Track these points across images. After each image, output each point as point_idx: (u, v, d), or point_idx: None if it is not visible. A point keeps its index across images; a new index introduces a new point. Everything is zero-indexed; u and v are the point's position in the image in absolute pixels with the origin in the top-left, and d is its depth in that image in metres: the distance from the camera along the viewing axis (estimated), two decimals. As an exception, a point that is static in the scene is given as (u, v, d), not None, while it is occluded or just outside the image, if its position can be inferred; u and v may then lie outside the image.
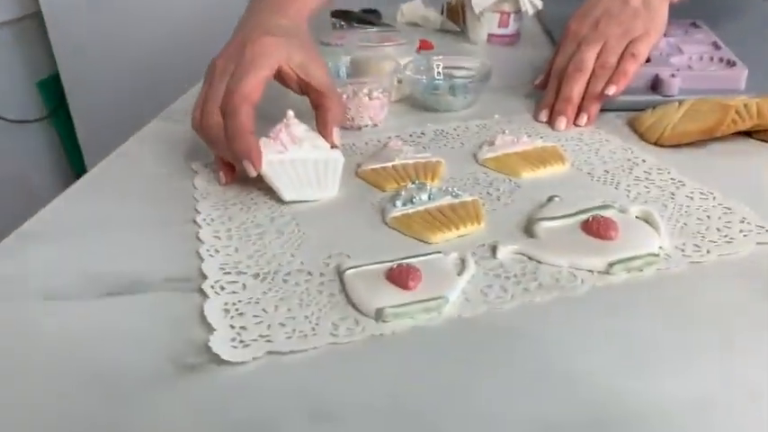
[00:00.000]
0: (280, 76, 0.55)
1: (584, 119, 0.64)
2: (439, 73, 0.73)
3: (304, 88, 0.56)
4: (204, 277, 0.43)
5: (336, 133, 0.55)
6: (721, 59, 0.71)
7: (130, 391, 0.35)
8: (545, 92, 0.68)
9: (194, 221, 0.50)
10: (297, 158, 0.52)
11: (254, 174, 0.50)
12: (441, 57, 0.74)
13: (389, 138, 0.62)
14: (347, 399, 0.34)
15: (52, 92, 1.95)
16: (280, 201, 0.52)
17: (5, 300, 0.43)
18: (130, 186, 0.57)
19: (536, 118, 0.67)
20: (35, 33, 1.85)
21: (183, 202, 0.54)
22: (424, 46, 0.92)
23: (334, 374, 0.35)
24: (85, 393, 0.35)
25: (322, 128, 0.55)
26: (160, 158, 0.62)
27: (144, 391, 0.35)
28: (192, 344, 0.37)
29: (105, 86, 1.87)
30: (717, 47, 0.74)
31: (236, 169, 0.55)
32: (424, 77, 0.70)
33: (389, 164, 0.56)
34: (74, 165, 2.08)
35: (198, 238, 0.48)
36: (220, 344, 0.36)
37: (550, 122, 0.65)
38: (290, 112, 0.53)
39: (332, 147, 0.54)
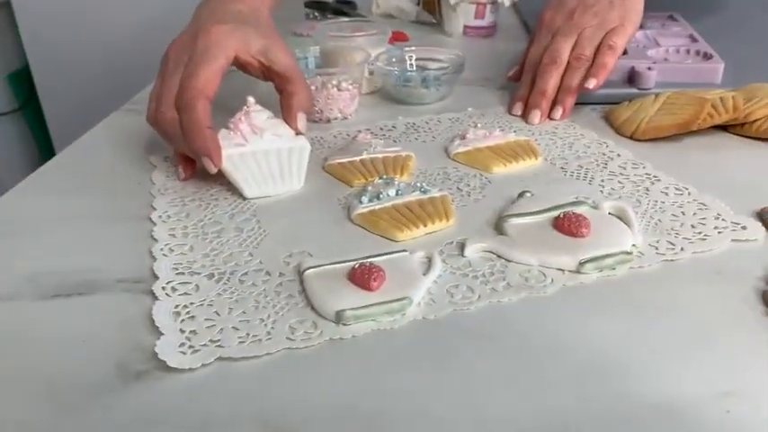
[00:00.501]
0: (240, 64, 0.52)
1: (558, 112, 0.62)
2: (411, 65, 0.71)
3: (267, 74, 0.53)
4: (156, 278, 0.41)
5: (302, 119, 0.52)
6: (698, 52, 0.70)
7: (76, 399, 0.32)
8: (519, 84, 0.67)
9: (149, 219, 0.48)
10: (258, 150, 0.49)
11: (213, 170, 0.48)
12: (413, 48, 0.72)
13: (359, 131, 0.60)
14: (303, 407, 0.32)
15: (23, 85, 1.90)
16: (242, 196, 0.50)
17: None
18: (86, 180, 0.54)
19: (510, 111, 0.65)
20: (5, 25, 1.80)
21: (139, 197, 0.51)
22: (398, 37, 0.90)
23: (289, 381, 0.33)
24: (29, 401, 0.32)
25: (286, 113, 0.52)
26: (119, 151, 0.59)
27: (90, 400, 0.32)
28: (140, 349, 0.35)
29: (76, 79, 1.83)
30: (693, 39, 0.73)
31: (195, 164, 0.53)
32: (396, 69, 0.68)
33: (357, 158, 0.54)
34: (45, 158, 2.03)
35: (152, 237, 0.45)
36: (168, 349, 0.34)
37: (525, 116, 0.63)
38: (251, 99, 0.50)
39: (297, 134, 0.51)
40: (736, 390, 0.32)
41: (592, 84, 0.61)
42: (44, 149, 2.03)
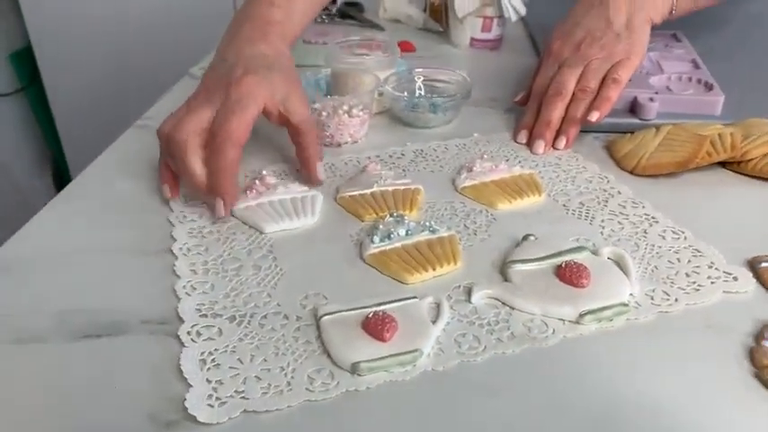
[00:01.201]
0: (264, 112, 0.55)
1: (562, 142, 0.64)
2: (420, 87, 0.73)
3: (283, 123, 0.56)
4: (181, 320, 0.43)
5: (320, 169, 0.57)
6: (699, 81, 0.71)
7: (107, 449, 0.35)
8: (525, 112, 0.68)
9: (170, 251, 0.50)
10: (274, 200, 0.55)
11: (222, 214, 0.52)
12: (421, 71, 0.73)
13: (369, 159, 0.62)
14: (321, 460, 0.34)
15: (25, 65, 1.90)
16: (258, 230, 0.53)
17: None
18: (104, 208, 0.56)
19: (515, 139, 0.67)
20: (7, 4, 1.80)
21: (158, 226, 0.54)
22: (405, 47, 0.91)
23: (308, 431, 0.36)
24: (61, 452, 0.35)
25: (304, 166, 0.58)
26: (135, 174, 0.61)
27: (120, 450, 0.35)
28: (169, 398, 0.38)
29: (79, 59, 1.83)
30: (696, 66, 0.75)
31: (179, 185, 0.56)
32: (406, 93, 0.70)
33: (368, 191, 0.56)
34: (48, 138, 2.04)
35: (174, 273, 0.48)
36: (197, 403, 0.37)
37: (529, 145, 0.65)
38: (264, 171, 0.57)
39: (316, 184, 0.57)
40: (720, 452, 0.35)
41: (595, 117, 0.63)
42: (47, 130, 2.03)
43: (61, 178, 2.12)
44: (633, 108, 0.68)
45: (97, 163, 0.64)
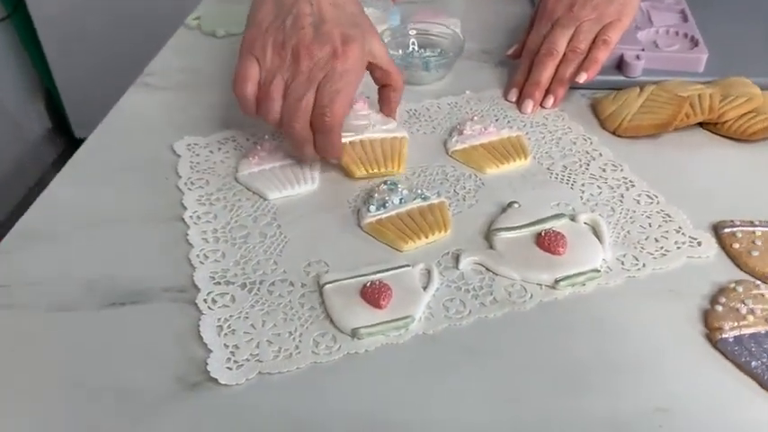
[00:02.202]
0: None
1: (550, 101, 0.67)
2: (414, 42, 0.74)
3: (369, 68, 0.57)
4: (197, 288, 0.48)
5: (396, 110, 0.62)
6: (686, 35, 0.73)
7: (140, 408, 0.41)
8: (516, 68, 0.70)
9: (182, 219, 0.54)
10: (276, 165, 0.58)
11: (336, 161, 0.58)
12: (414, 25, 0.75)
13: (357, 96, 0.62)
14: (328, 412, 0.40)
15: (9, -7, 1.86)
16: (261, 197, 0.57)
17: (8, 309, 0.47)
18: (114, 174, 0.60)
19: (505, 97, 0.69)
20: (-13, -70, 1.74)
21: (167, 192, 0.57)
22: (400, -8, 0.91)
23: (316, 390, 0.42)
24: (94, 410, 0.41)
25: (386, 105, 0.61)
26: (140, 138, 0.64)
27: (154, 409, 0.41)
28: (192, 362, 0.43)
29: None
30: (684, 18, 0.76)
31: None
32: (400, 51, 0.72)
33: (358, 138, 0.59)
34: (37, 65, 2.03)
35: (187, 241, 0.52)
36: (217, 366, 0.42)
37: (518, 104, 0.68)
38: (266, 137, 0.60)
39: (392, 118, 0.62)
40: (669, 407, 0.40)
41: (583, 78, 0.66)
42: (35, 57, 2.01)
43: (53, 103, 2.13)
44: (620, 65, 0.70)
45: (104, 126, 0.67)
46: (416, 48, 0.74)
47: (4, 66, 1.96)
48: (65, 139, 2.18)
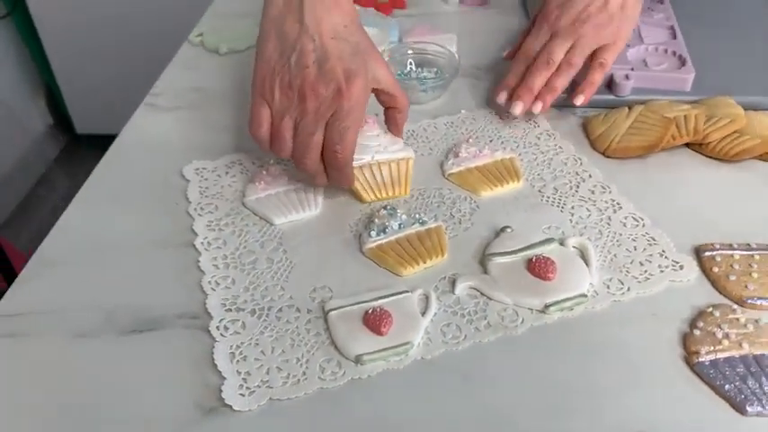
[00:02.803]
0: None
1: (538, 107, 0.69)
2: (411, 62, 0.77)
3: (374, 93, 0.59)
4: (209, 315, 0.51)
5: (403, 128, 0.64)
6: (674, 53, 0.76)
7: (164, 432, 0.44)
8: (509, 70, 0.72)
9: (193, 245, 0.57)
10: (281, 190, 0.60)
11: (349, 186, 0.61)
12: (412, 45, 0.77)
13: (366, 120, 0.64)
14: (333, 437, 0.44)
15: (9, -9, 1.87)
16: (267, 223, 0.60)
17: (28, 337, 0.51)
18: (125, 199, 0.63)
19: (495, 97, 0.71)
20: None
21: (177, 217, 0.60)
22: (396, 4, 0.94)
23: (322, 414, 0.45)
24: (126, 435, 0.44)
25: (393, 127, 0.63)
26: (150, 162, 0.67)
27: (175, 433, 0.44)
28: (208, 388, 0.46)
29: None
30: (673, 35, 0.79)
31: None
32: (398, 71, 0.74)
33: (367, 162, 0.61)
34: (38, 63, 2.05)
35: (198, 267, 0.55)
36: (231, 393, 0.46)
37: (507, 105, 0.70)
38: (271, 161, 0.62)
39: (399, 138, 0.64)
40: (650, 430, 0.44)
41: (579, 101, 0.68)
42: (36, 54, 2.03)
43: (55, 100, 2.14)
44: (609, 84, 0.73)
45: (114, 149, 0.69)
46: (414, 67, 0.77)
47: (4, 63, 1.98)
48: (67, 135, 2.21)
